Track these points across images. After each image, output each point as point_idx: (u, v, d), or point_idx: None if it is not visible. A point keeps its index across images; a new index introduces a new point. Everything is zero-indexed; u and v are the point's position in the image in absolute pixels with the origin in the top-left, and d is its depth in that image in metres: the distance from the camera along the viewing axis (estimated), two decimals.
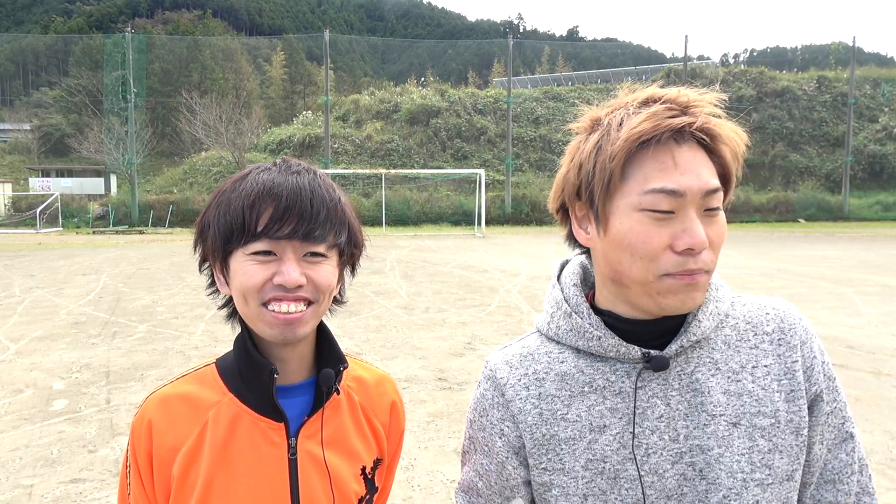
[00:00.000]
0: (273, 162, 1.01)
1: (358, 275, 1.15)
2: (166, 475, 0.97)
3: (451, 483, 3.81)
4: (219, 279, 1.00)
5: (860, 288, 11.60)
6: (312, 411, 1.01)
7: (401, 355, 6.83)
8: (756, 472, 0.87)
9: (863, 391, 5.57)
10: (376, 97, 47.38)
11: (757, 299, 0.98)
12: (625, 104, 0.89)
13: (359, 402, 1.09)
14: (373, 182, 36.88)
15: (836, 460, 0.94)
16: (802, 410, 0.90)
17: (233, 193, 0.96)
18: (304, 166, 1.02)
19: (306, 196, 0.95)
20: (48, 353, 6.98)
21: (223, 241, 0.95)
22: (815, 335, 0.95)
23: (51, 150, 54.83)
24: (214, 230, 0.96)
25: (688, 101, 0.87)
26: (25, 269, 15.06)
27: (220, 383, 1.01)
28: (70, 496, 3.65)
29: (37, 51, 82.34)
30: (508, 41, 42.48)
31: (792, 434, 0.89)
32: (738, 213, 38.55)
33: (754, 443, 0.87)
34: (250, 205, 0.93)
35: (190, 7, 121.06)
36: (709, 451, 0.87)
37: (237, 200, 0.94)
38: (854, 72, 43.03)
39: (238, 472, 0.97)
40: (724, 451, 0.87)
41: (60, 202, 35.12)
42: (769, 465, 0.87)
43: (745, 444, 0.87)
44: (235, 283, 0.96)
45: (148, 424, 0.98)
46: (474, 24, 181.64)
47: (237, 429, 0.98)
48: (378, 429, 1.10)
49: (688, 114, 0.86)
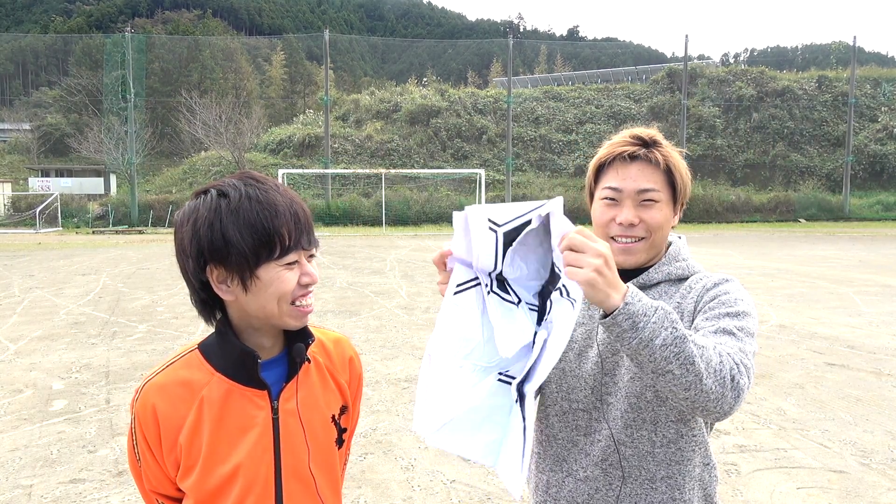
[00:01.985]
0: (236, 177, 1.17)
1: (358, 275, 1.19)
2: (174, 445, 1.18)
3: (451, 483, 3.80)
4: (225, 287, 1.15)
5: (861, 288, 11.60)
6: (289, 378, 1.24)
7: (401, 355, 6.82)
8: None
9: (863, 391, 5.56)
10: (376, 97, 47.33)
11: (705, 274, 1.44)
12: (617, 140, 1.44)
13: (323, 364, 1.32)
14: (373, 182, 36.87)
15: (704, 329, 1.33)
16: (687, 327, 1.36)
17: (232, 216, 1.11)
18: (270, 180, 1.19)
19: (300, 210, 1.16)
20: (48, 354, 6.97)
21: (255, 257, 1.12)
22: (715, 287, 1.37)
23: (50, 150, 54.78)
24: (240, 248, 1.11)
25: (649, 137, 1.40)
26: (25, 269, 15.05)
27: (206, 366, 1.21)
28: (70, 496, 3.64)
29: (36, 50, 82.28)
30: (508, 41, 42.47)
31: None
32: (738, 213, 38.54)
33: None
34: (280, 224, 1.12)
35: (190, 7, 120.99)
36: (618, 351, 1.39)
37: (257, 220, 1.11)
38: (854, 71, 43.03)
39: (233, 434, 1.19)
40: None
41: (60, 202, 35.10)
42: None
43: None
44: (272, 290, 1.14)
45: (152, 409, 1.18)
46: (474, 24, 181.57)
47: (229, 400, 1.19)
48: (341, 382, 1.35)
49: (644, 146, 1.39)
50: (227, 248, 1.11)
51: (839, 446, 4.35)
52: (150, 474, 1.22)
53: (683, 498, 1.35)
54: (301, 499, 1.24)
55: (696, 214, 38.33)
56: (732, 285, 1.37)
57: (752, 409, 5.11)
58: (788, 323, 8.50)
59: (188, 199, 1.19)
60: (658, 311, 1.10)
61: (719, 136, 44.80)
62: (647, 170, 1.37)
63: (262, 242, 1.11)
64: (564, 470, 1.42)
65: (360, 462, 4.10)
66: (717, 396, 1.12)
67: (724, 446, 4.34)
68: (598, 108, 47.32)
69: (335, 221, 33.68)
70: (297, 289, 1.16)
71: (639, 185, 1.37)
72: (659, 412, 1.34)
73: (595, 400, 1.38)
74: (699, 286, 1.39)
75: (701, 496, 1.39)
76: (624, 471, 1.36)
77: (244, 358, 1.18)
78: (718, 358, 1.14)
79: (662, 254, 1.45)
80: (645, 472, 1.35)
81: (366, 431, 4.61)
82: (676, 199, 1.41)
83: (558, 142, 43.71)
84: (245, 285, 1.14)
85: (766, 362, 6.54)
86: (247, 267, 1.12)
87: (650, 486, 1.35)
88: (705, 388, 1.11)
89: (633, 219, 1.36)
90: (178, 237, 1.16)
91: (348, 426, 1.39)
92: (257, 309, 1.16)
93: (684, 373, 1.10)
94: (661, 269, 1.42)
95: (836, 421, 4.84)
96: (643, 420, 1.35)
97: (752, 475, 3.89)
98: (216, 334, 1.23)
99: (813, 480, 3.82)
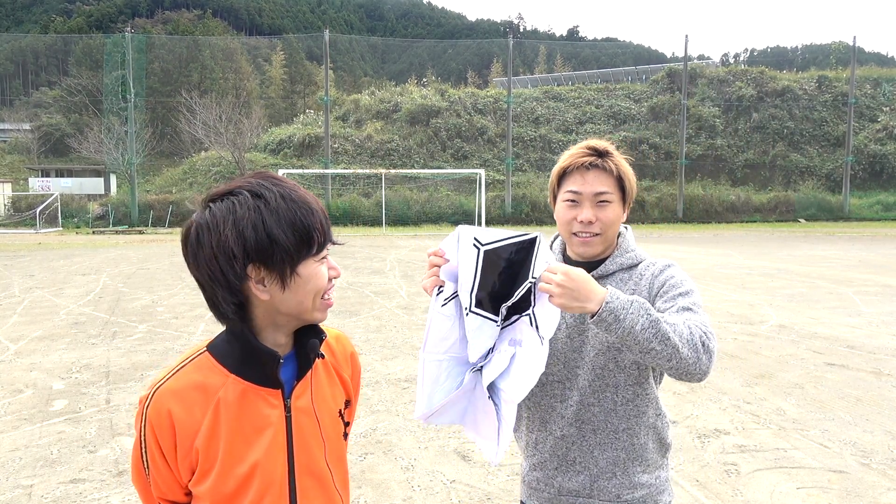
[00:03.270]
0: (257, 177, 1.19)
1: (358, 275, 1.20)
2: (189, 450, 1.17)
3: (451, 483, 3.80)
4: (262, 287, 1.16)
5: (860, 288, 11.60)
6: (299, 375, 1.26)
7: (401, 355, 6.82)
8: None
9: (863, 391, 5.56)
10: (376, 97, 47.31)
11: (651, 261, 1.73)
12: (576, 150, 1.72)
13: (329, 361, 1.35)
14: (373, 182, 36.87)
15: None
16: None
17: (274, 215, 1.13)
18: (288, 179, 1.24)
19: (322, 206, 1.22)
20: (48, 354, 6.97)
21: (297, 254, 1.15)
22: (662, 273, 1.68)
23: (50, 150, 54.73)
24: (285, 247, 1.14)
25: (602, 149, 1.68)
26: (25, 269, 15.06)
27: (219, 367, 1.20)
28: (70, 496, 3.64)
29: (36, 50, 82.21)
30: (508, 41, 42.47)
31: None
32: (738, 213, 38.55)
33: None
34: (316, 220, 1.17)
35: (190, 7, 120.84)
36: (587, 330, 1.69)
37: (296, 218, 1.15)
38: (854, 71, 43.03)
39: (249, 434, 1.20)
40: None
41: (60, 202, 35.10)
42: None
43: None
44: (311, 286, 1.19)
45: (168, 415, 1.16)
46: (474, 24, 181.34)
47: (244, 401, 1.20)
48: (345, 377, 1.39)
49: (599, 156, 1.67)
50: (273, 247, 1.13)
51: (839, 446, 4.35)
52: (161, 481, 1.21)
53: (640, 442, 1.71)
54: (315, 495, 1.26)
55: (696, 214, 38.34)
56: (675, 269, 1.69)
57: (752, 409, 5.11)
58: (788, 323, 8.50)
59: (200, 203, 1.18)
60: (633, 303, 1.39)
61: (719, 136, 44.80)
62: (601, 176, 1.67)
63: (303, 240, 1.15)
64: (546, 430, 1.75)
65: (360, 462, 4.10)
66: (694, 360, 1.43)
67: (724, 446, 4.34)
68: (598, 108, 47.32)
69: (335, 221, 33.66)
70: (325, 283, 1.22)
71: (595, 188, 1.66)
72: (619, 378, 1.67)
73: (567, 372, 1.71)
74: (648, 273, 1.70)
75: (655, 439, 1.74)
76: (593, 425, 1.70)
77: (264, 358, 1.19)
78: (688, 331, 1.44)
79: (615, 245, 1.75)
80: (609, 425, 1.69)
81: (366, 431, 4.61)
82: (625, 199, 1.71)
83: (558, 142, 43.65)
84: (284, 283, 1.16)
85: (766, 362, 6.54)
86: (288, 264, 1.15)
87: (614, 437, 1.70)
88: (683, 356, 1.41)
89: (591, 217, 1.66)
90: (213, 239, 1.13)
91: (350, 420, 1.42)
92: (294, 305, 1.19)
93: (664, 348, 1.40)
94: (616, 261, 1.73)
95: (836, 421, 4.84)
96: (606, 385, 1.68)
97: (752, 475, 3.89)
98: (229, 335, 1.22)
99: (813, 480, 3.82)
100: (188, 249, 1.17)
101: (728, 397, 5.40)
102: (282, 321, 1.21)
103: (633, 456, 1.71)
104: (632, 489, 1.72)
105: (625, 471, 1.71)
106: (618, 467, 1.71)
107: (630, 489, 1.72)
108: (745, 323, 8.52)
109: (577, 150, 1.70)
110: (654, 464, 1.75)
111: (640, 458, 1.72)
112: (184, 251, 1.19)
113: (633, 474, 1.72)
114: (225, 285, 1.15)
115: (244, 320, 1.19)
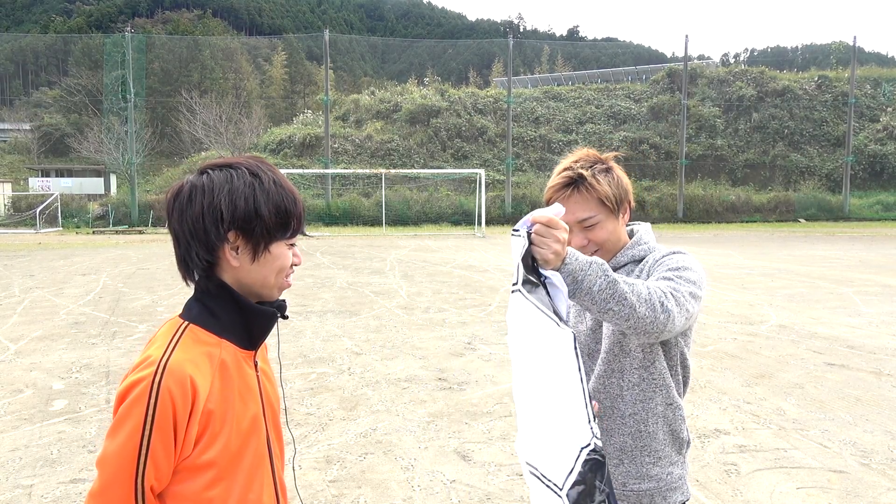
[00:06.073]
0: (252, 159, 1.32)
1: (358, 275, 1.22)
2: (202, 414, 1.21)
3: (451, 483, 3.80)
4: (234, 254, 1.28)
5: (861, 288, 11.60)
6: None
7: (401, 355, 6.82)
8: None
9: (863, 391, 5.56)
10: (376, 97, 47.27)
11: (660, 250, 1.73)
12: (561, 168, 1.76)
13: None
14: (373, 182, 36.84)
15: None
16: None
17: (264, 195, 1.27)
18: (276, 168, 1.36)
19: (302, 202, 1.35)
20: (48, 354, 6.97)
21: (274, 233, 1.29)
22: (664, 257, 1.70)
23: (50, 150, 54.69)
24: (267, 223, 1.27)
25: (576, 174, 1.70)
26: (25, 269, 15.05)
27: (209, 334, 1.29)
28: (70, 496, 3.64)
29: (36, 50, 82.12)
30: (508, 41, 42.43)
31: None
32: (738, 213, 38.52)
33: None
34: (297, 210, 1.32)
35: (190, 7, 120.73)
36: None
37: (282, 202, 1.29)
38: (854, 71, 43.00)
39: (243, 390, 1.31)
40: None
41: (60, 202, 35.06)
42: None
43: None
44: (276, 264, 1.32)
45: (191, 382, 1.19)
46: (474, 24, 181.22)
47: (236, 361, 1.30)
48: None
49: (575, 183, 1.70)
50: (257, 220, 1.26)
51: (839, 446, 4.35)
52: (162, 463, 1.16)
53: (648, 430, 1.71)
54: (275, 447, 1.41)
55: (696, 214, 38.30)
56: (680, 255, 1.69)
57: (752, 409, 5.11)
58: (788, 323, 8.50)
59: (197, 172, 1.31)
60: (592, 265, 1.42)
61: (719, 136, 44.76)
62: (581, 201, 1.70)
63: (282, 222, 1.30)
64: None
65: (360, 462, 4.10)
66: (651, 320, 1.46)
67: (724, 446, 4.35)
68: (598, 108, 47.28)
69: (335, 221, 33.65)
70: (287, 266, 1.35)
71: (577, 216, 1.70)
72: (624, 362, 1.71)
73: (591, 363, 1.77)
74: (651, 259, 1.72)
75: (667, 430, 1.73)
76: (601, 411, 1.73)
77: (255, 318, 1.31)
78: (647, 291, 1.48)
79: (624, 245, 1.78)
80: (616, 411, 1.72)
81: (366, 431, 4.61)
82: (618, 209, 1.73)
83: (558, 142, 43.63)
84: (255, 255, 1.29)
85: (766, 362, 6.54)
86: (264, 240, 1.28)
87: (621, 422, 1.72)
88: (639, 314, 1.45)
89: (582, 242, 1.72)
90: (206, 200, 1.25)
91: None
92: (258, 278, 1.31)
93: (621, 308, 1.43)
94: (627, 253, 1.76)
95: (835, 421, 4.84)
96: (612, 370, 1.72)
97: (752, 475, 3.89)
98: (210, 301, 1.30)
99: (813, 480, 3.83)
100: (175, 204, 1.28)
101: (728, 397, 5.40)
102: (244, 291, 1.32)
103: (642, 444, 1.71)
104: (639, 479, 1.71)
105: (633, 459, 1.71)
106: (625, 454, 1.71)
107: (637, 479, 1.71)
108: (745, 323, 8.52)
109: (556, 179, 1.75)
110: (665, 457, 1.73)
111: (648, 448, 1.71)
112: (170, 205, 1.30)
113: (641, 464, 1.71)
114: (204, 242, 1.26)
115: (209, 279, 1.29)
